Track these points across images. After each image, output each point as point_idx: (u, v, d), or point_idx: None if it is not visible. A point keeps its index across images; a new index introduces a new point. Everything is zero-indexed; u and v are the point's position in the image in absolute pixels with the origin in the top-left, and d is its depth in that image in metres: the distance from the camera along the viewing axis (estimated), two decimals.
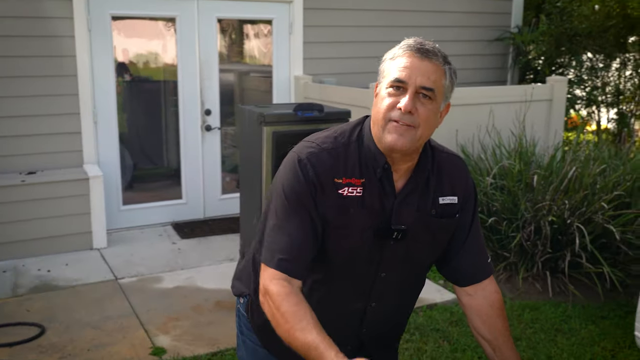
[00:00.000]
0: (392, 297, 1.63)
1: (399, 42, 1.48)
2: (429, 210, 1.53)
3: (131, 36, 5.31)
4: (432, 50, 1.42)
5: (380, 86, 1.47)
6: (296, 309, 1.37)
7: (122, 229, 5.24)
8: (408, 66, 1.40)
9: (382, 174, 1.47)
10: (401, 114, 1.39)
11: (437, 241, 1.58)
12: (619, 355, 3.36)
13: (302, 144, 1.52)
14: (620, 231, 3.94)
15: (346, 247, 1.50)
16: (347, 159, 1.47)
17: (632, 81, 6.55)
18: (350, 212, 1.46)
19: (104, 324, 3.57)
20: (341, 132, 1.52)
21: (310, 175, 1.44)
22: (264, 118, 3.50)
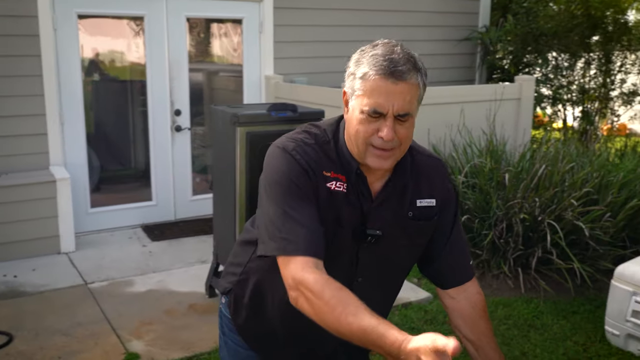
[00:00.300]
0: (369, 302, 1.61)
1: (369, 42, 1.44)
2: (405, 212, 1.52)
3: (98, 35, 5.20)
4: (405, 69, 1.35)
5: (352, 102, 1.41)
6: (341, 294, 1.31)
7: (91, 232, 5.13)
8: (383, 93, 1.34)
9: (355, 178, 1.46)
10: (383, 142, 1.37)
11: (414, 244, 1.57)
12: (591, 350, 3.42)
13: (284, 139, 1.50)
14: (589, 227, 4.01)
15: (331, 244, 1.46)
16: (329, 156, 1.46)
17: (596, 80, 6.69)
18: (337, 206, 1.45)
19: (75, 331, 3.49)
20: (321, 131, 1.51)
21: (303, 163, 1.42)
22: (237, 118, 3.46)
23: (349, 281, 1.52)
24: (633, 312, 3.34)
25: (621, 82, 6.72)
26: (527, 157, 4.61)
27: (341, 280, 1.50)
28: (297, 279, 1.34)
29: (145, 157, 5.45)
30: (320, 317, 1.32)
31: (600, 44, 6.62)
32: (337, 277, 1.50)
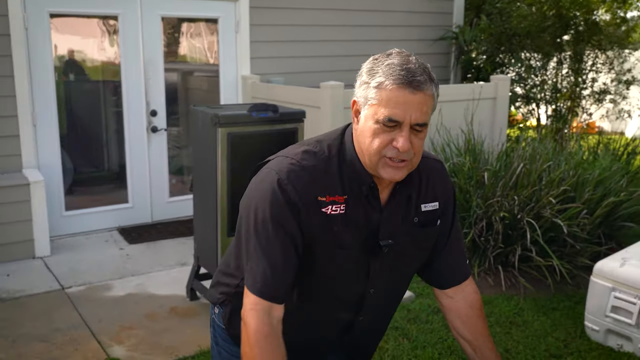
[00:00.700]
0: (379, 311, 1.61)
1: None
2: (412, 219, 1.50)
3: (71, 35, 5.09)
4: (422, 79, 1.32)
5: (364, 112, 1.37)
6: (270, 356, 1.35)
7: (66, 235, 5.03)
8: (401, 102, 1.30)
9: (367, 191, 1.43)
10: (398, 153, 1.33)
11: (422, 249, 1.57)
12: (572, 345, 3.47)
13: (280, 161, 1.43)
14: (567, 225, 4.07)
15: (332, 266, 1.45)
16: (329, 176, 1.41)
17: (568, 79, 6.80)
18: (334, 230, 1.41)
19: (54, 337, 3.41)
20: (320, 148, 1.44)
21: (293, 197, 1.37)
22: (218, 119, 3.42)
23: (362, 293, 1.52)
24: (612, 307, 3.40)
25: (592, 81, 6.84)
26: (505, 156, 4.66)
27: (354, 293, 1.51)
28: (244, 317, 1.39)
29: (121, 158, 5.36)
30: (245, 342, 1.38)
31: (571, 44, 6.73)
32: (350, 290, 1.50)
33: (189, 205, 5.48)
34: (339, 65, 6.13)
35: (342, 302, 1.53)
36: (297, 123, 3.73)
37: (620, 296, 3.37)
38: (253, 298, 1.39)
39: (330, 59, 6.15)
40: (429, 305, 3.89)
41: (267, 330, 1.36)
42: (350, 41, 6.24)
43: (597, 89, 6.85)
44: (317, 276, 1.46)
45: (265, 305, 1.38)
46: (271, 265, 1.38)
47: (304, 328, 1.54)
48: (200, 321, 3.64)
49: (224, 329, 1.65)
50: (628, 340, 3.37)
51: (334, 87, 4.58)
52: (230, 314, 1.62)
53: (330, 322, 1.56)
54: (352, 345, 1.64)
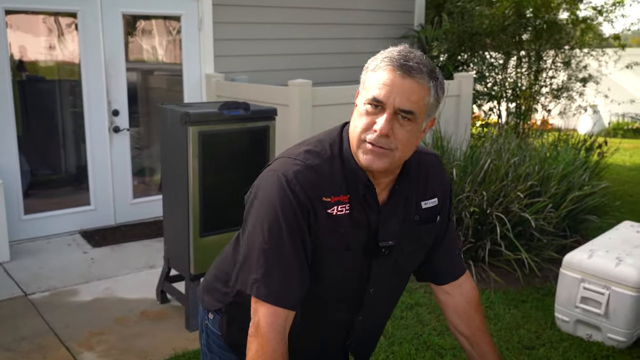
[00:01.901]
0: (379, 310, 1.59)
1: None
2: (412, 217, 1.47)
3: (28, 32, 4.91)
4: (416, 67, 1.29)
5: (359, 98, 1.36)
6: None
7: (25, 240, 4.85)
8: (388, 84, 1.27)
9: (364, 190, 1.38)
10: (377, 137, 1.29)
11: (423, 246, 1.55)
12: (543, 336, 3.53)
13: (284, 161, 1.38)
14: (534, 219, 4.15)
15: (336, 268, 1.42)
16: (333, 176, 1.36)
17: (529, 77, 6.94)
18: (340, 231, 1.37)
19: (19, 345, 3.27)
20: (321, 147, 1.40)
21: (302, 198, 1.32)
22: (189, 117, 3.34)
23: (361, 294, 1.49)
24: (582, 298, 3.48)
25: (551, 78, 7.00)
26: (472, 153, 4.71)
27: (354, 293, 1.48)
28: (261, 329, 1.32)
29: (82, 159, 5.20)
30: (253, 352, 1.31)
31: (531, 43, 6.87)
32: (351, 291, 1.47)
33: (153, 207, 5.38)
34: (303, 64, 6.10)
35: (341, 302, 1.50)
36: (269, 121, 3.69)
37: (589, 287, 3.45)
38: (269, 309, 1.32)
39: (294, 57, 6.12)
40: (402, 302, 3.90)
41: (284, 349, 1.31)
42: (314, 39, 6.22)
43: (556, 86, 7.01)
44: (320, 278, 1.41)
45: (283, 315, 1.32)
46: (287, 273, 1.33)
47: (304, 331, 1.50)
48: (173, 324, 3.56)
49: (220, 336, 1.60)
50: (597, 330, 3.45)
51: (302, 84, 4.55)
52: (228, 323, 1.56)
53: (329, 323, 1.53)
54: (354, 349, 1.61)
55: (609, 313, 3.39)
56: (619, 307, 3.36)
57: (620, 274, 3.36)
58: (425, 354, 3.29)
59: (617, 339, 3.38)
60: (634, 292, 3.31)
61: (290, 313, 1.34)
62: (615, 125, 11.91)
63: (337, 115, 1.51)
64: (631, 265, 3.38)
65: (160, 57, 5.73)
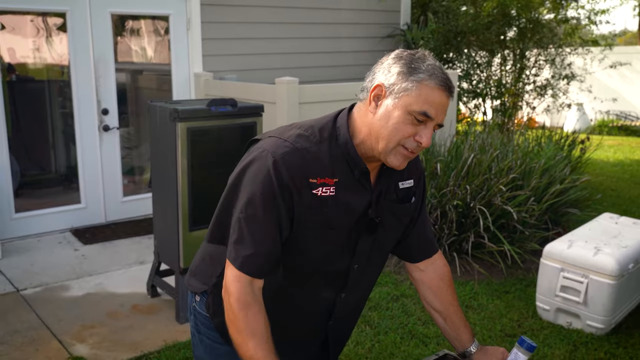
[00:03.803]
0: (360, 287, 1.67)
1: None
2: (392, 196, 1.58)
3: (18, 32, 4.96)
4: (453, 87, 1.45)
5: (390, 98, 1.41)
6: (253, 322, 1.41)
7: (16, 238, 4.89)
8: (439, 103, 1.39)
9: (359, 175, 1.48)
10: (417, 147, 1.41)
11: (400, 224, 1.64)
12: (525, 325, 3.64)
13: (275, 141, 1.46)
14: (516, 211, 4.25)
15: (320, 245, 1.51)
16: (320, 159, 1.45)
17: (513, 75, 7.06)
18: (324, 211, 1.46)
19: (12, 339, 3.33)
20: (312, 132, 1.48)
21: (285, 179, 1.41)
22: (178, 114, 3.42)
23: (346, 270, 1.57)
24: (561, 287, 3.59)
25: (534, 76, 7.12)
26: (456, 148, 4.81)
27: (339, 270, 1.56)
28: (227, 286, 1.45)
29: (72, 158, 5.25)
30: (229, 325, 1.44)
31: (515, 41, 6.99)
32: (336, 268, 1.56)
33: (143, 205, 5.45)
34: (291, 62, 6.19)
35: (326, 279, 1.58)
36: (256, 117, 3.77)
37: (568, 276, 3.55)
38: (235, 271, 1.44)
39: (281, 55, 6.20)
40: (389, 293, 4.00)
41: (250, 299, 1.42)
42: (301, 38, 6.31)
43: (540, 84, 7.14)
44: (305, 256, 1.51)
45: (247, 280, 1.44)
46: (255, 243, 1.43)
47: (290, 309, 1.58)
48: (164, 317, 3.63)
49: (207, 316, 1.67)
50: (577, 317, 3.55)
51: (289, 82, 4.63)
52: (213, 303, 1.64)
53: (314, 301, 1.61)
54: (335, 330, 1.69)
55: (587, 301, 3.49)
56: (597, 295, 3.46)
57: (598, 263, 3.46)
58: (409, 343, 3.38)
59: (595, 326, 3.49)
60: (611, 280, 3.42)
61: (255, 280, 1.45)
62: (601, 122, 12.08)
63: (323, 113, 1.59)
64: (609, 255, 3.48)
65: (149, 56, 5.79)
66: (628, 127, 11.77)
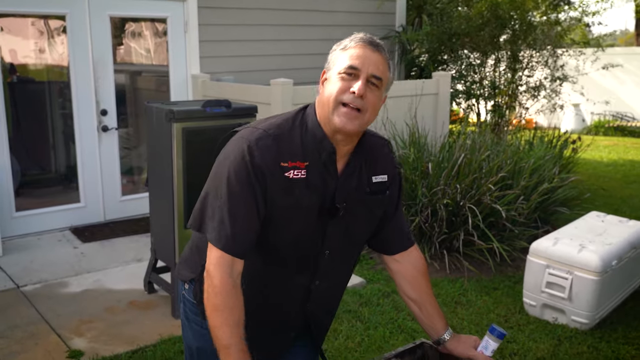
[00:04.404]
0: (335, 275, 1.77)
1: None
2: (364, 188, 1.68)
3: (18, 34, 5.07)
4: (382, 45, 1.57)
5: (329, 73, 1.58)
6: (231, 309, 1.50)
7: (17, 236, 4.99)
8: (361, 55, 1.52)
9: (326, 158, 1.59)
10: (353, 97, 1.51)
11: (373, 216, 1.74)
12: (511, 320, 3.73)
13: (249, 130, 1.59)
14: (505, 210, 4.35)
15: (292, 227, 1.60)
16: (292, 144, 1.57)
17: (506, 76, 7.16)
18: (295, 193, 1.57)
19: (12, 333, 3.43)
20: (284, 119, 1.62)
21: (259, 161, 1.52)
22: (173, 115, 3.51)
23: (317, 255, 1.67)
24: (547, 283, 3.68)
25: (527, 77, 7.22)
26: (447, 147, 4.91)
27: (311, 254, 1.66)
28: (209, 269, 1.54)
29: (72, 158, 5.36)
30: (206, 306, 1.53)
31: (508, 43, 7.09)
32: (307, 251, 1.66)
33: (141, 204, 5.55)
34: (286, 64, 6.29)
35: (299, 264, 1.68)
36: (250, 118, 3.86)
37: (553, 272, 3.65)
38: (217, 252, 1.54)
39: (277, 57, 6.30)
40: (379, 290, 4.09)
41: (230, 283, 1.52)
42: (297, 40, 6.41)
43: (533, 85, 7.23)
44: (278, 237, 1.61)
45: (228, 259, 1.53)
46: (235, 223, 1.53)
47: (266, 294, 1.68)
48: (160, 312, 3.73)
49: (194, 303, 1.77)
50: (562, 313, 3.65)
51: (284, 84, 4.74)
52: (200, 290, 1.73)
53: (289, 287, 1.70)
54: (312, 314, 1.78)
55: (572, 297, 3.59)
56: (582, 291, 3.56)
57: (582, 260, 3.56)
58: (398, 337, 3.47)
59: (580, 321, 3.58)
60: (595, 276, 3.52)
61: (236, 260, 1.54)
62: (597, 123, 12.18)
63: None
64: (593, 252, 3.58)
65: (147, 58, 5.90)
66: (624, 127, 11.86)
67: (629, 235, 3.91)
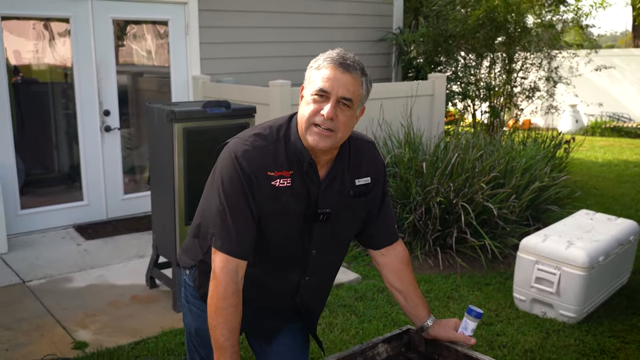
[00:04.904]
0: (322, 271, 1.90)
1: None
2: (347, 191, 1.79)
3: (23, 37, 5.19)
4: (352, 65, 1.63)
5: (305, 91, 1.67)
6: (232, 313, 1.63)
7: (21, 233, 5.12)
8: (331, 78, 1.60)
9: (307, 167, 1.70)
10: (323, 120, 1.61)
11: (357, 217, 1.85)
12: (502, 314, 3.85)
13: (237, 142, 1.70)
14: (497, 208, 4.47)
15: (280, 230, 1.73)
16: (277, 155, 1.68)
17: (501, 77, 7.29)
18: (282, 199, 1.69)
19: (18, 325, 3.56)
20: (269, 132, 1.72)
21: (247, 171, 1.65)
22: (174, 115, 3.64)
23: (305, 254, 1.80)
24: (536, 278, 3.80)
25: (522, 79, 7.35)
26: (442, 147, 5.04)
27: (299, 254, 1.79)
28: (216, 273, 1.67)
29: (75, 158, 5.49)
30: (209, 306, 1.65)
31: (503, 45, 7.22)
32: (295, 252, 1.78)
33: (142, 202, 5.68)
34: (285, 66, 6.41)
35: (289, 263, 1.80)
36: (248, 118, 3.99)
37: (542, 268, 3.77)
38: (223, 257, 1.65)
39: (277, 59, 6.43)
40: (374, 285, 4.22)
41: (235, 288, 1.65)
42: (296, 42, 6.54)
43: (528, 87, 7.36)
44: (268, 239, 1.73)
45: (234, 263, 1.65)
46: (237, 228, 1.65)
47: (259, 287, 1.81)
48: (161, 306, 3.85)
49: (194, 287, 1.91)
50: (550, 307, 3.77)
51: (282, 85, 4.86)
52: (199, 276, 1.88)
53: (281, 282, 1.83)
54: (303, 304, 1.91)
55: (560, 291, 3.71)
56: (569, 286, 3.68)
57: (569, 256, 3.68)
58: (392, 329, 3.58)
59: (568, 315, 3.71)
60: (582, 272, 3.64)
61: (240, 262, 1.66)
62: (594, 124, 12.30)
63: None
64: (580, 248, 3.70)
65: (149, 60, 6.02)
66: (620, 128, 11.98)
67: (616, 233, 4.03)
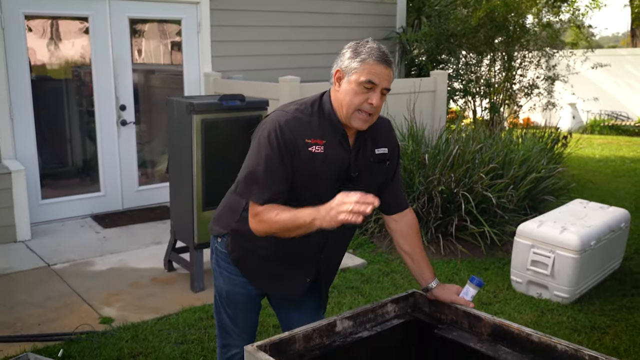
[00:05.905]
0: (341, 235, 2.15)
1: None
2: (369, 158, 2.06)
3: (45, 34, 5.45)
4: (391, 61, 1.92)
5: (346, 77, 1.92)
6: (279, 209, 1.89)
7: (42, 222, 5.37)
8: (378, 73, 1.88)
9: (340, 137, 1.98)
10: (370, 107, 1.90)
11: (376, 181, 2.11)
12: (500, 295, 4.10)
13: (279, 113, 1.97)
14: (496, 197, 4.71)
15: (312, 191, 1.97)
16: (312, 125, 1.96)
17: (500, 75, 7.53)
18: (315, 164, 1.95)
19: (48, 303, 3.81)
20: (305, 107, 1.99)
21: (288, 137, 1.91)
22: (193, 107, 3.88)
23: None
24: (532, 261, 4.05)
25: (521, 77, 7.59)
26: (443, 140, 5.29)
27: None
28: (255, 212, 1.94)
29: (92, 151, 5.74)
30: (268, 224, 1.90)
31: (503, 44, 7.46)
32: None
33: (156, 194, 5.94)
34: (293, 63, 6.66)
35: None
36: (261, 110, 4.24)
37: (538, 251, 4.02)
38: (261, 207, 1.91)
39: (284, 57, 6.68)
40: (380, 269, 4.46)
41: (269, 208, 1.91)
42: (303, 41, 6.79)
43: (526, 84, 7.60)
44: (300, 199, 1.97)
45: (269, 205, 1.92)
46: (275, 183, 1.91)
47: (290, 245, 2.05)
48: (179, 287, 4.10)
49: (226, 253, 2.15)
50: (545, 288, 4.01)
51: (292, 81, 5.11)
52: (231, 242, 2.13)
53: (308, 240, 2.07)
54: (324, 262, 2.16)
55: (554, 273, 3.96)
56: (563, 268, 3.92)
57: (563, 240, 3.92)
58: None
59: (561, 296, 3.95)
60: (575, 254, 3.88)
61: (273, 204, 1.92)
62: (593, 122, 12.54)
63: None
64: (573, 233, 3.95)
65: (163, 57, 6.28)
66: (619, 126, 12.23)
67: (608, 219, 4.28)
